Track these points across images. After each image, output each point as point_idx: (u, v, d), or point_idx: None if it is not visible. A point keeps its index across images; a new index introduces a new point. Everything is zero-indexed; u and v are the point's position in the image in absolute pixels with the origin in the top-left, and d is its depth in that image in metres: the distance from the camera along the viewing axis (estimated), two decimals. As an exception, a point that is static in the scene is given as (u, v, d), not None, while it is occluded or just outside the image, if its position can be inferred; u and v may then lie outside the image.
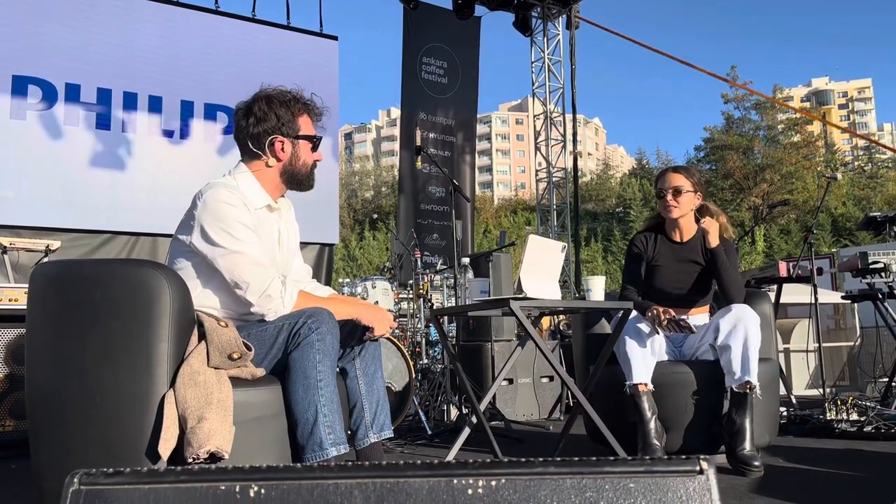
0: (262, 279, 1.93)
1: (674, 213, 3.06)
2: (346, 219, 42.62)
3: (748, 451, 2.63)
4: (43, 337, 1.82)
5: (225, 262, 1.93)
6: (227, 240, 1.93)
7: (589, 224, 40.80)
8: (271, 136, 2.11)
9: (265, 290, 1.93)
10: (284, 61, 7.10)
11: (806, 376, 6.09)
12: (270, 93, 2.16)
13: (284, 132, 2.13)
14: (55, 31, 6.01)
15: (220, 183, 2.05)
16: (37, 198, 5.79)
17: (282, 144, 2.13)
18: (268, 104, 2.12)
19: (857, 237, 27.79)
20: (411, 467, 0.72)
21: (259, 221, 2.07)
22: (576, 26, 9.49)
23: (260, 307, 1.94)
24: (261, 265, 1.95)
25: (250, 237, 1.97)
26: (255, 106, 2.13)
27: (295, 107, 2.15)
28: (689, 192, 3.05)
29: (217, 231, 1.94)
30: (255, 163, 2.14)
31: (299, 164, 2.16)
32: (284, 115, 2.13)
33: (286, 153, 2.14)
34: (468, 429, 2.94)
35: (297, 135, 2.15)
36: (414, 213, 8.36)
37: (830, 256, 9.25)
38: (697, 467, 0.69)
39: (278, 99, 2.14)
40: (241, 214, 1.98)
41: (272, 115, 2.11)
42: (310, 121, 2.20)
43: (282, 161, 2.14)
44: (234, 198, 1.99)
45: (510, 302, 2.56)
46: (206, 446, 1.61)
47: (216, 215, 1.95)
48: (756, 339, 2.71)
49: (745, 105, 40.53)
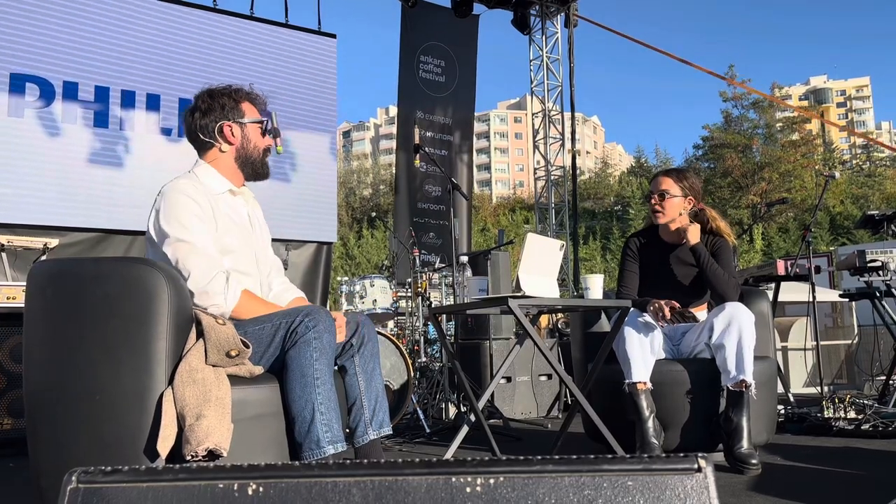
0: (205, 270, 1.93)
1: (659, 219, 3.03)
2: (344, 217, 42.61)
3: (745, 450, 2.63)
4: (41, 335, 1.82)
5: (171, 250, 1.95)
6: (175, 228, 1.96)
7: (587, 222, 40.80)
8: (219, 122, 2.18)
9: (207, 282, 1.92)
10: (282, 59, 7.09)
11: (804, 374, 6.10)
12: (212, 87, 2.25)
13: (230, 117, 2.20)
14: (53, 29, 5.99)
15: (180, 177, 2.12)
16: (35, 196, 5.77)
17: (230, 129, 2.19)
18: (210, 96, 2.22)
19: (855, 235, 27.82)
20: (410, 465, 0.72)
21: (225, 205, 2.12)
22: (574, 24, 9.49)
23: (200, 300, 1.92)
24: (206, 256, 1.95)
25: (200, 227, 1.99)
26: (199, 101, 2.22)
27: (237, 95, 2.24)
28: (677, 197, 2.99)
29: (167, 219, 1.98)
30: (209, 153, 2.21)
31: (251, 147, 2.22)
32: (228, 103, 2.21)
33: (237, 137, 2.20)
34: (466, 427, 2.94)
35: (243, 119, 2.21)
36: (410, 212, 8.35)
37: (828, 255, 9.27)
38: (695, 465, 0.69)
39: (220, 90, 2.23)
40: (193, 206, 2.01)
41: (216, 104, 2.20)
42: (253, 108, 2.27)
43: (233, 145, 2.20)
44: (191, 188, 2.04)
45: (509, 300, 2.56)
46: (205, 444, 1.61)
47: (169, 204, 2.00)
48: (750, 337, 2.71)
49: (743, 104, 40.54)
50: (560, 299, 2.91)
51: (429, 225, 8.42)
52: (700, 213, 3.07)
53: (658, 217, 3.02)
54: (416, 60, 8.53)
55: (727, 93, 40.26)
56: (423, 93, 8.59)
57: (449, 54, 8.80)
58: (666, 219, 3.02)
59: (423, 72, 8.58)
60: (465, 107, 9.08)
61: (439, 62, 8.73)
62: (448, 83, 8.79)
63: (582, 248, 29.36)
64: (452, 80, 8.83)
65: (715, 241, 3.05)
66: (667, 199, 3.00)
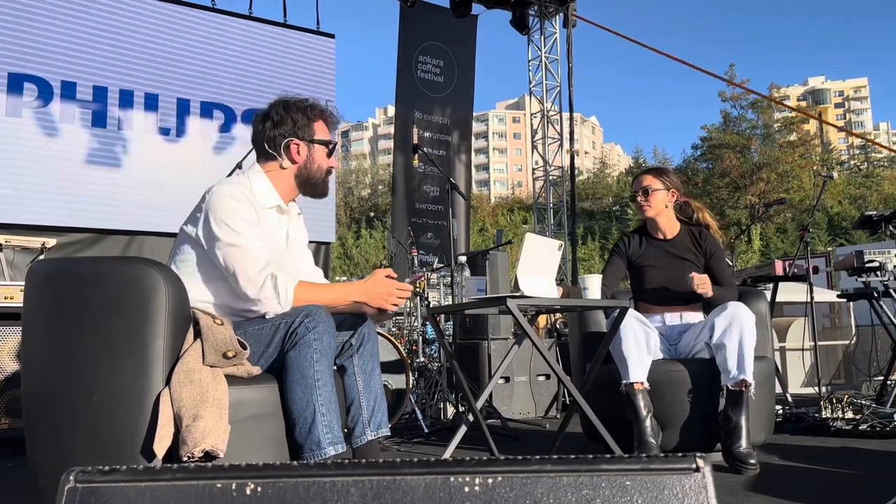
0: (256, 274, 1.93)
1: (647, 213, 3.17)
2: (342, 217, 42.59)
3: (744, 449, 2.64)
4: (39, 335, 1.82)
5: (221, 254, 1.94)
6: (225, 232, 1.95)
7: (586, 222, 40.84)
8: (287, 139, 2.15)
9: (258, 290, 1.92)
10: (281, 59, 7.09)
11: (802, 374, 6.11)
12: (288, 98, 2.20)
13: (300, 135, 2.16)
14: (51, 29, 5.99)
15: (230, 180, 2.10)
16: (33, 196, 5.77)
17: (297, 147, 2.16)
18: (285, 108, 2.17)
19: (853, 236, 27.86)
20: (408, 465, 0.72)
21: (267, 221, 2.09)
22: (573, 25, 9.49)
23: (257, 305, 1.94)
24: (257, 259, 1.95)
25: (249, 231, 1.98)
26: (273, 110, 2.17)
27: (312, 112, 2.19)
28: (660, 191, 3.14)
29: (218, 223, 1.96)
30: (269, 164, 2.18)
31: (314, 168, 2.19)
32: (301, 119, 2.16)
33: (302, 156, 2.17)
34: (465, 427, 2.94)
35: (313, 139, 2.18)
36: (408, 213, 8.34)
37: (826, 255, 9.28)
38: (693, 465, 0.69)
39: (295, 104, 2.18)
40: (243, 210, 2.00)
41: (289, 118, 2.15)
42: (325, 127, 2.23)
43: (297, 164, 2.17)
44: (240, 193, 2.02)
45: (507, 300, 2.56)
46: (202, 445, 1.60)
47: (219, 208, 1.98)
48: (751, 337, 2.73)
49: (741, 104, 40.58)
50: (558, 299, 2.91)
51: (427, 225, 8.41)
52: (685, 206, 3.25)
53: (646, 211, 3.17)
54: (415, 60, 8.53)
55: (726, 93, 40.34)
56: (422, 93, 8.58)
57: (447, 54, 8.80)
58: (653, 212, 3.17)
59: (422, 72, 8.58)
60: (464, 107, 9.07)
61: (438, 62, 8.73)
62: (446, 83, 8.79)
63: (580, 248, 29.37)
64: (451, 81, 8.83)
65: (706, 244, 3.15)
66: (651, 194, 3.14)
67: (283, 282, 1.96)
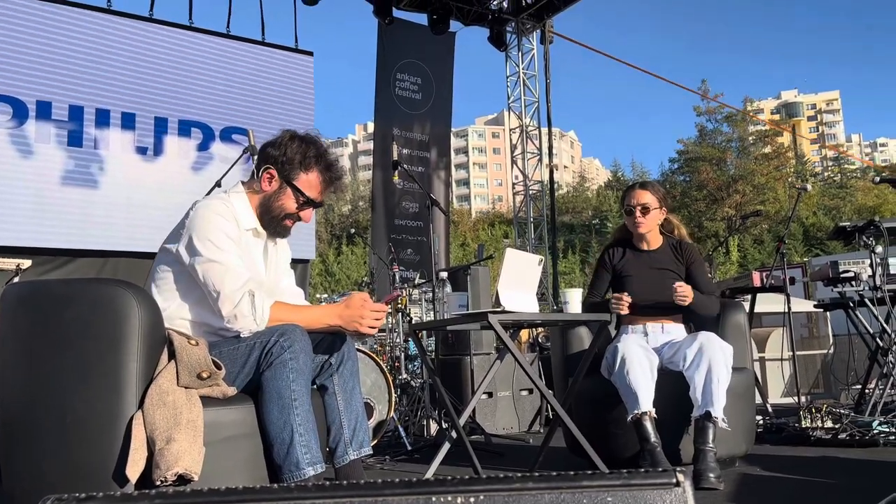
0: (234, 290, 1.91)
1: (641, 229, 3.19)
2: (323, 233, 42.42)
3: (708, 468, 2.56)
4: (12, 357, 1.78)
5: (202, 270, 1.93)
6: (207, 248, 1.94)
7: (566, 236, 41.08)
8: (268, 165, 2.11)
9: (234, 306, 1.90)
10: (260, 77, 7.07)
11: (781, 385, 6.16)
12: (306, 136, 2.15)
13: (284, 172, 2.10)
14: (26, 48, 5.94)
15: (215, 196, 2.09)
16: (7, 217, 5.69)
17: (270, 178, 2.11)
18: (290, 139, 2.13)
19: (828, 246, 28.29)
20: (389, 486, 0.71)
21: (245, 242, 2.07)
22: (550, 41, 9.61)
23: (230, 322, 1.91)
24: (236, 276, 1.93)
25: (231, 248, 1.97)
26: (283, 136, 2.14)
27: (311, 160, 2.11)
28: (656, 209, 3.18)
29: (200, 238, 1.94)
30: (249, 183, 2.17)
31: (276, 205, 2.12)
32: (295, 157, 2.10)
33: (271, 188, 2.12)
34: (448, 444, 2.92)
35: (290, 182, 2.11)
36: (388, 229, 8.34)
37: (802, 266, 9.40)
38: (674, 479, 0.70)
39: (308, 141, 2.14)
40: (227, 226, 1.98)
41: (288, 149, 2.10)
42: (318, 183, 2.15)
43: (265, 192, 2.12)
44: (224, 210, 2.01)
45: (489, 315, 2.56)
46: (175, 468, 1.57)
47: (203, 223, 1.96)
48: (721, 369, 2.68)
49: (716, 117, 41.20)
50: (540, 314, 2.92)
51: (406, 241, 8.41)
52: (666, 221, 3.28)
53: (640, 227, 3.18)
54: (393, 78, 8.57)
55: (700, 107, 40.94)
56: (400, 110, 8.62)
57: (425, 71, 8.84)
58: (647, 228, 3.19)
59: (400, 89, 8.62)
60: (442, 123, 9.12)
61: (416, 79, 8.77)
62: (425, 100, 8.83)
63: (561, 261, 29.50)
64: (429, 97, 8.87)
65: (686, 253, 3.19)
66: (650, 212, 3.16)
67: (261, 299, 1.93)
